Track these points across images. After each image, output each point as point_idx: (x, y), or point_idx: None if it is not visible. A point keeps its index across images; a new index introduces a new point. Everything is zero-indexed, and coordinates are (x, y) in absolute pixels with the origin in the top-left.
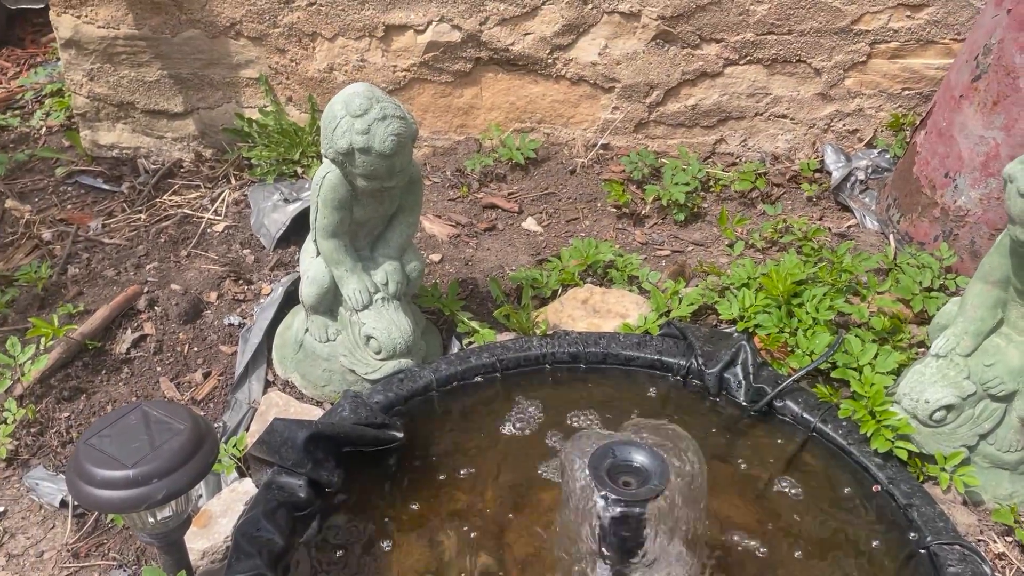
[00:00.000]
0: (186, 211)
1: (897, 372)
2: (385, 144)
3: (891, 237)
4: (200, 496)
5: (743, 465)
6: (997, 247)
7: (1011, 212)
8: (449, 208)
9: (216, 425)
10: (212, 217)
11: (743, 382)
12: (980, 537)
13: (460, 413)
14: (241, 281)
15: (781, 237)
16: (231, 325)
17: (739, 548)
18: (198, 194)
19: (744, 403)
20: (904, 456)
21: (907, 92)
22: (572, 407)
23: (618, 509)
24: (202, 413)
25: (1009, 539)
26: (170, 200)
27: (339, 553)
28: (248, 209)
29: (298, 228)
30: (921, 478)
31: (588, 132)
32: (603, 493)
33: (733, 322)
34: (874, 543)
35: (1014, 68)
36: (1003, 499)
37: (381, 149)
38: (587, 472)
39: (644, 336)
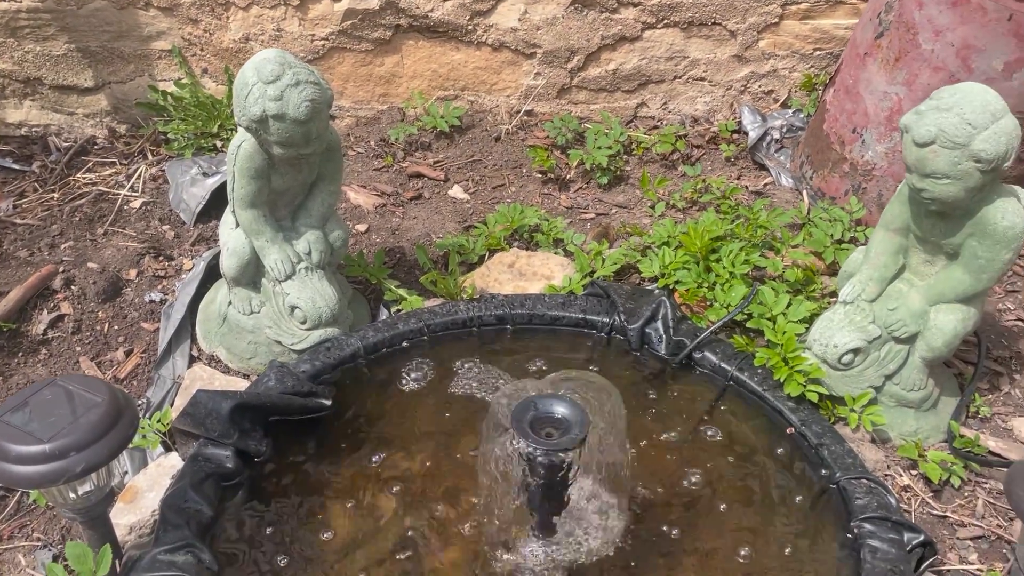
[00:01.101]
0: (101, 188)
1: (809, 320)
2: (299, 110)
3: (805, 193)
4: (126, 472)
5: (666, 414)
6: (897, 196)
7: (907, 161)
8: (374, 178)
9: (140, 402)
10: (129, 194)
11: (664, 336)
12: (887, 472)
13: (389, 379)
14: (161, 257)
15: (701, 197)
16: (152, 302)
17: (663, 491)
18: (113, 171)
19: (665, 356)
20: (815, 399)
21: (818, 52)
22: (499, 367)
23: (541, 459)
24: (125, 390)
25: (914, 472)
26: (84, 178)
27: (270, 521)
28: (166, 184)
29: (219, 202)
30: (832, 419)
31: (512, 99)
32: (527, 444)
33: (654, 279)
34: (789, 481)
35: (914, 24)
36: (908, 435)
37: (296, 115)
38: (509, 423)
39: (569, 296)
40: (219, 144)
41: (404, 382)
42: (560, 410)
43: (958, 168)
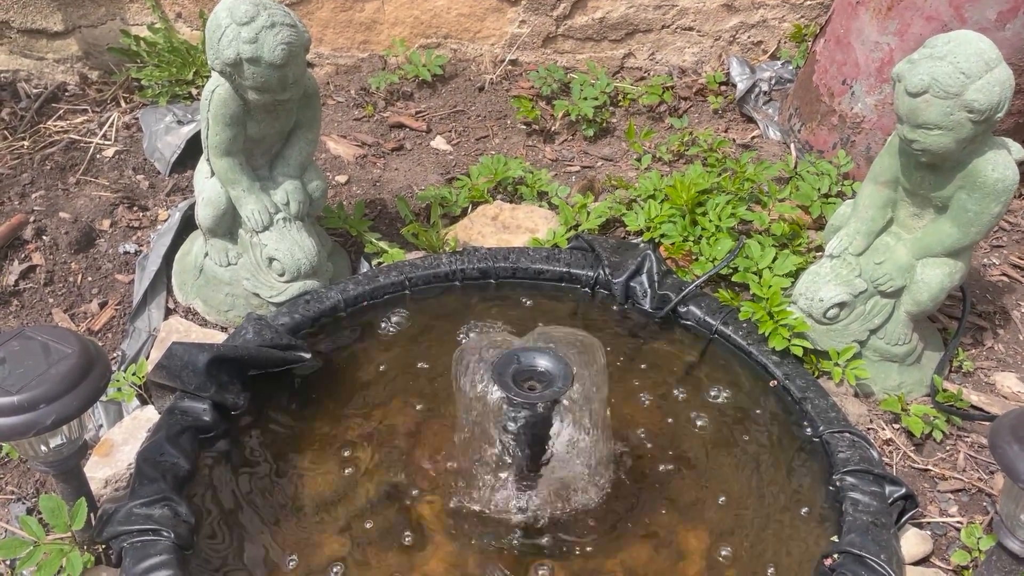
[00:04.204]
0: (73, 136)
1: (795, 275)
2: (275, 53)
3: (792, 146)
4: (101, 425)
5: (650, 368)
6: (887, 148)
7: (899, 111)
8: (354, 128)
9: (115, 354)
10: (101, 142)
11: (648, 290)
12: (870, 426)
13: (369, 333)
14: (135, 208)
15: (687, 149)
16: (127, 253)
17: (645, 444)
18: (85, 118)
19: (650, 310)
20: (800, 353)
21: (809, 2)
22: (481, 321)
23: (523, 412)
24: (100, 343)
25: (896, 426)
26: (55, 125)
27: (249, 474)
28: (140, 133)
29: (194, 151)
30: (816, 373)
31: (496, 47)
32: (509, 397)
33: (639, 233)
34: (772, 434)
35: None
36: (891, 389)
37: (271, 59)
38: (486, 376)
39: (553, 249)
40: (194, 92)
41: (386, 335)
42: (543, 363)
43: (950, 118)
